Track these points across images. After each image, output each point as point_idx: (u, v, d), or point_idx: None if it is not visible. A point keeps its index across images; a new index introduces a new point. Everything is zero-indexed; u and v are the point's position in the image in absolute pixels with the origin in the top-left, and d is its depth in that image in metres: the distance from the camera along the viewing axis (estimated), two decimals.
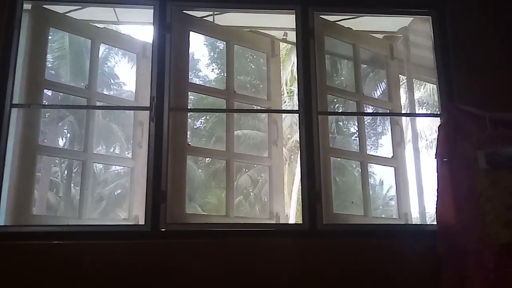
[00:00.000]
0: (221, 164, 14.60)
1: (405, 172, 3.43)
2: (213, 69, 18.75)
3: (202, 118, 17.17)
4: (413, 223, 3.55)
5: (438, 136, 2.92)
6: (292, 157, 16.09)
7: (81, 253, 2.61)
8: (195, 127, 17.04)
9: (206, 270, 2.63)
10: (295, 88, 15.22)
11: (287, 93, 15.35)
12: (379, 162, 3.67)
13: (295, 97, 15.14)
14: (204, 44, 18.53)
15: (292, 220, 14.36)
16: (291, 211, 14.96)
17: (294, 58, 14.30)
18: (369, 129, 16.99)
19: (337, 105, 13.47)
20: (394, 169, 3.43)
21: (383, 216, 18.02)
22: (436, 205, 2.81)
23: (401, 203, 3.36)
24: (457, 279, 2.64)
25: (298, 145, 2.99)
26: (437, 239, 2.74)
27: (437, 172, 2.83)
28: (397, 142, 3.45)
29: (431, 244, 2.72)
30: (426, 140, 15.23)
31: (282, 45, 6.17)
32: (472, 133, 2.80)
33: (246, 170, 15.27)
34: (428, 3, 3.29)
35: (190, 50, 3.27)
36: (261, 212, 14.80)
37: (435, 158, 2.86)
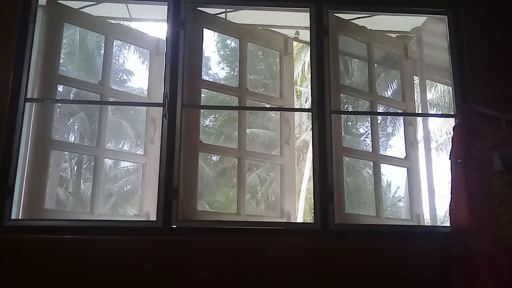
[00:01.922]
0: (230, 162, 14.63)
1: (417, 173, 3.40)
2: (223, 68, 18.78)
3: (211, 116, 17.18)
4: (425, 224, 3.52)
5: (452, 137, 2.90)
6: (301, 156, 16.06)
7: (93, 248, 2.62)
8: (204, 125, 17.05)
9: (217, 267, 2.63)
10: (303, 88, 15.31)
11: (296, 92, 15.30)
12: (392, 162, 3.64)
13: (303, 97, 15.05)
14: (215, 42, 18.56)
15: (299, 219, 14.35)
16: (299, 210, 14.94)
17: (304, 57, 14.31)
18: (379, 130, 16.89)
19: (346, 105, 13.41)
20: (407, 170, 3.40)
21: (391, 217, 17.95)
22: (450, 206, 2.78)
23: (413, 204, 3.34)
24: (469, 281, 2.61)
25: (307, 144, 2.98)
26: (450, 241, 2.71)
27: (451, 173, 2.81)
28: (411, 143, 3.42)
29: (443, 245, 2.70)
30: (436, 142, 15.13)
31: (293, 44, 6.16)
32: (487, 134, 2.78)
33: (255, 169, 15.27)
34: (444, 2, 3.25)
35: None
36: (268, 210, 14.80)
37: (449, 159, 2.83)
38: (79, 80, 7.53)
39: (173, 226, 2.75)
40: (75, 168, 16.43)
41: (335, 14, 3.22)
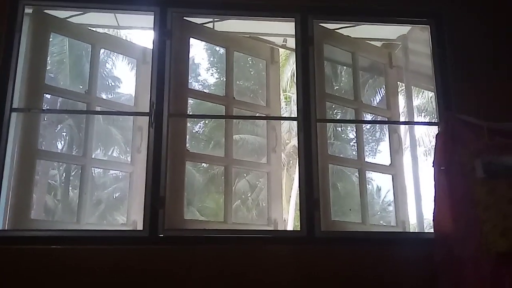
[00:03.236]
0: (220, 169, 14.61)
1: (402, 180, 3.44)
2: (212, 74, 18.79)
3: (201, 123, 17.20)
4: (411, 231, 3.55)
5: (435, 144, 2.94)
6: (290, 162, 16.09)
7: (79, 258, 2.61)
8: (194, 131, 17.05)
9: (204, 276, 2.63)
10: (292, 94, 15.37)
11: (285, 98, 15.36)
12: (377, 169, 3.68)
13: (293, 103, 15.14)
14: (204, 49, 18.58)
15: (290, 226, 14.35)
16: (289, 217, 14.94)
17: (292, 64, 14.36)
18: (367, 135, 17.01)
19: (335, 111, 13.48)
20: (392, 177, 3.44)
21: (381, 222, 18.03)
22: (434, 213, 2.82)
23: (398, 211, 3.37)
24: (454, 287, 2.65)
25: (297, 150, 3.00)
26: (434, 247, 2.74)
27: (434, 180, 2.85)
28: (395, 150, 3.46)
29: (429, 252, 2.73)
30: (425, 147, 15.26)
31: (281, 51, 6.19)
32: (469, 142, 2.82)
33: (245, 175, 15.27)
34: (426, 12, 3.30)
35: (190, 55, 3.29)
36: (259, 217, 14.79)
37: (433, 166, 2.87)
38: (65, 89, 7.52)
39: (160, 235, 2.75)
40: (63, 175, 16.30)
41: (320, 24, 3.26)
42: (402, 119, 4.58)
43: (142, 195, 2.84)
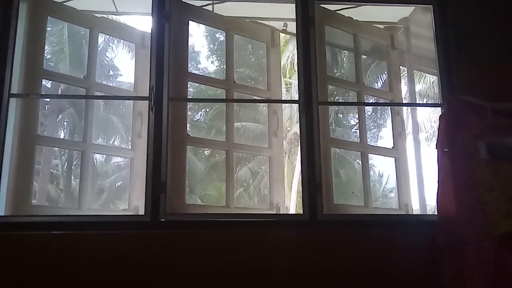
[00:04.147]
0: (221, 156, 14.60)
1: (405, 163, 3.42)
2: (212, 61, 18.71)
3: (202, 111, 17.16)
4: (413, 213, 3.54)
5: (439, 126, 2.91)
6: (292, 149, 16.08)
7: (81, 244, 2.61)
8: (194, 119, 17.02)
9: (206, 260, 2.63)
10: (292, 80, 15.29)
11: (285, 84, 15.29)
12: (380, 152, 3.66)
13: (293, 89, 15.08)
14: (204, 36, 18.47)
15: (292, 212, 14.37)
16: (291, 203, 14.97)
17: (292, 49, 14.27)
18: (369, 121, 16.97)
19: (337, 97, 13.42)
20: (395, 160, 3.42)
21: (383, 207, 18.04)
22: (437, 195, 2.80)
23: (401, 194, 3.35)
24: (457, 270, 2.64)
25: (298, 137, 2.97)
26: (437, 230, 2.73)
27: (437, 162, 2.82)
28: (398, 133, 3.44)
29: (431, 234, 2.72)
30: (426, 132, 15.21)
31: (280, 35, 6.13)
32: (473, 123, 2.79)
33: (246, 163, 15.28)
34: None
35: (190, 42, 3.25)
36: (261, 204, 14.83)
37: (436, 148, 2.85)
38: (64, 74, 7.47)
39: (161, 220, 2.74)
40: (66, 164, 16.34)
41: (321, 5, 3.22)
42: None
43: (143, 180, 2.83)
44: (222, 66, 17.14)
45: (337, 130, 15.78)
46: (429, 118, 14.90)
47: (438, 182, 2.80)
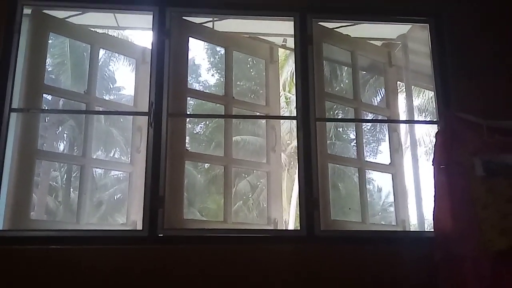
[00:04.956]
0: (221, 169, 14.49)
1: (402, 179, 3.43)
2: (213, 74, 18.83)
3: (202, 123, 17.21)
4: (411, 230, 3.54)
5: (435, 143, 2.93)
6: (291, 163, 16.08)
7: (79, 258, 2.61)
8: (195, 132, 17.06)
9: (203, 276, 2.63)
10: (292, 95, 15.35)
11: (285, 98, 15.36)
12: (377, 168, 3.68)
13: (293, 103, 15.18)
14: (205, 49, 18.60)
15: (291, 227, 14.34)
16: (291, 217, 14.95)
17: (293, 64, 14.34)
18: (369, 136, 17.01)
19: (336, 111, 13.48)
20: (392, 176, 3.44)
21: (382, 222, 18.01)
22: (433, 211, 2.81)
23: (398, 210, 3.37)
24: (453, 286, 2.64)
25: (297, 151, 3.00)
26: (434, 246, 2.74)
27: (434, 179, 2.84)
28: (395, 149, 3.46)
29: (428, 251, 2.72)
30: (425, 147, 15.23)
31: (280, 50, 6.18)
32: (469, 140, 2.81)
33: (245, 176, 15.28)
34: (425, 11, 3.30)
35: (191, 55, 3.29)
36: (260, 217, 14.79)
37: (432, 165, 2.87)
38: (64, 89, 7.52)
39: (159, 235, 2.75)
40: (65, 177, 16.33)
41: (319, 23, 3.26)
42: (402, 118, 4.59)
43: (142, 195, 2.84)
44: (222, 80, 17.21)
45: (337, 144, 15.80)
46: (428, 133, 14.93)
47: (434, 198, 2.81)
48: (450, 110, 3.01)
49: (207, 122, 16.81)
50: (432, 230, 2.82)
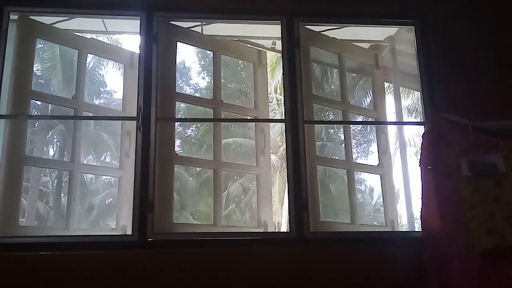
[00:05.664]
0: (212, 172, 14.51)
1: (391, 180, 3.46)
2: (204, 77, 18.80)
3: (193, 126, 17.18)
4: (401, 230, 3.57)
5: (422, 144, 2.97)
6: (283, 165, 16.09)
7: (68, 264, 2.60)
8: (186, 135, 17.03)
9: (194, 279, 2.63)
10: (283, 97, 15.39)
11: (277, 101, 15.39)
12: (366, 170, 3.71)
13: (283, 106, 15.25)
14: (195, 52, 18.58)
15: (284, 228, 14.34)
16: (283, 219, 14.95)
17: None
18: (359, 137, 17.08)
19: (327, 113, 13.52)
20: (380, 177, 3.46)
21: (374, 222, 18.05)
22: (421, 212, 2.84)
23: (387, 210, 3.39)
24: (442, 285, 2.67)
25: None
26: (422, 246, 2.76)
27: (421, 179, 2.87)
28: (383, 150, 3.49)
29: (417, 251, 2.75)
30: (415, 147, 15.31)
31: (272, 53, 6.19)
32: (455, 141, 2.85)
33: (237, 178, 15.27)
34: (411, 13, 3.33)
35: (181, 58, 3.35)
36: (252, 220, 14.79)
37: (419, 165, 2.90)
38: (52, 95, 7.48)
39: (149, 240, 2.75)
40: (55, 182, 16.23)
41: (306, 26, 3.28)
42: (392, 119, 4.63)
43: (131, 199, 2.84)
44: (213, 82, 17.24)
45: (329, 145, 15.85)
46: (418, 133, 15.00)
47: (422, 198, 2.85)
48: (436, 111, 3.05)
49: (198, 125, 16.80)
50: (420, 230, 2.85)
